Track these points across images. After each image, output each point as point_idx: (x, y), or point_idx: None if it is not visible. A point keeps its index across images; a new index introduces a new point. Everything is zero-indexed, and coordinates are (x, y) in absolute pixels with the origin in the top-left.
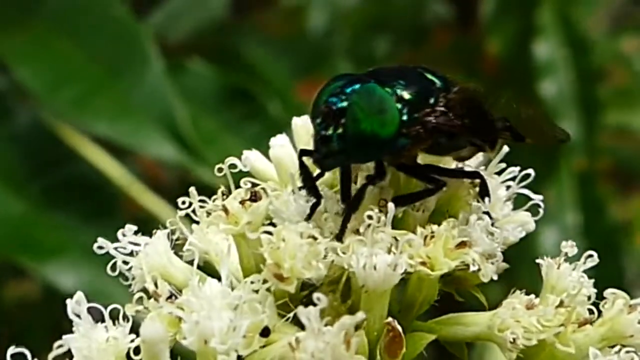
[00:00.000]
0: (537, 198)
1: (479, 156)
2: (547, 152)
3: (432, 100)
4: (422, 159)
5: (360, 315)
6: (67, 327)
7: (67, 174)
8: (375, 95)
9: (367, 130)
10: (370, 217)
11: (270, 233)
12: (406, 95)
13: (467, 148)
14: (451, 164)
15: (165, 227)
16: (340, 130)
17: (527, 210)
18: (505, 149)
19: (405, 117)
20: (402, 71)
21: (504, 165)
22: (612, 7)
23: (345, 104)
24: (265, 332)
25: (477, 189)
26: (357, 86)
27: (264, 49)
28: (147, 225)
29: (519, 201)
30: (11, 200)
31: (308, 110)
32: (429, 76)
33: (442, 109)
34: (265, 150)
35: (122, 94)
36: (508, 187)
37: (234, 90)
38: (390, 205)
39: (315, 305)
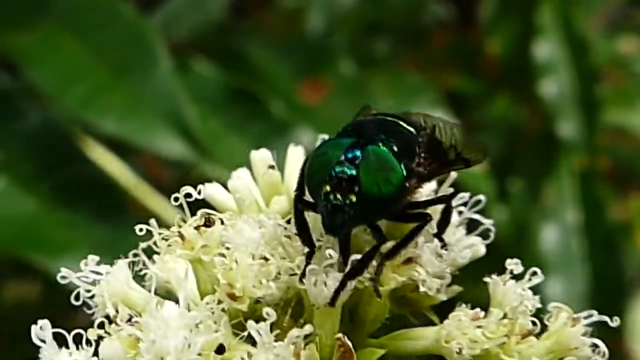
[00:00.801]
0: (487, 223)
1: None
2: (547, 151)
3: (417, 150)
4: None
5: (308, 328)
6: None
7: (77, 172)
8: (381, 157)
9: (380, 193)
10: (320, 239)
11: (223, 256)
12: (399, 149)
13: None
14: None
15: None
16: (353, 198)
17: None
18: (454, 174)
19: (405, 172)
20: (382, 124)
21: (452, 190)
22: (609, 9)
23: (354, 172)
24: (220, 349)
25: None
26: (358, 152)
27: (265, 49)
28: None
29: None
30: (22, 199)
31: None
32: (404, 124)
33: (423, 155)
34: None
35: (131, 92)
36: (460, 212)
37: (237, 91)
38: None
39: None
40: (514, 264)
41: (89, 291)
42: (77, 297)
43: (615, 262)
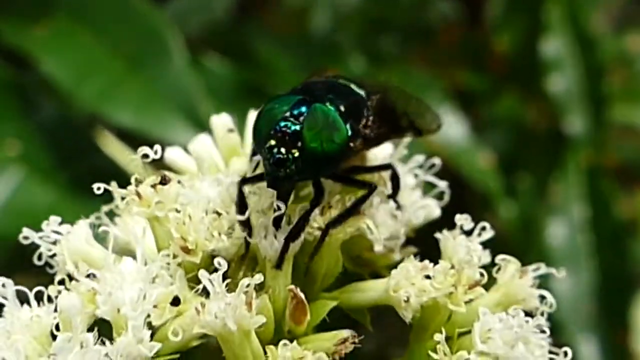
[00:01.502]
0: (442, 185)
1: (385, 146)
2: (554, 147)
3: (365, 112)
4: None
5: (258, 277)
6: None
7: (93, 164)
8: (325, 115)
9: (322, 149)
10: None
11: (178, 211)
12: (346, 110)
13: None
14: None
15: None
16: (296, 153)
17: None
18: (408, 138)
19: (350, 132)
20: (332, 85)
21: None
22: (614, 6)
23: (298, 127)
24: (175, 301)
25: (389, 182)
26: (304, 108)
27: (274, 46)
28: None
29: None
30: (39, 190)
31: None
32: (354, 87)
33: (372, 118)
34: None
35: (146, 85)
36: (416, 175)
37: (248, 86)
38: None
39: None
40: (463, 220)
41: (50, 250)
42: (39, 257)
43: (622, 258)
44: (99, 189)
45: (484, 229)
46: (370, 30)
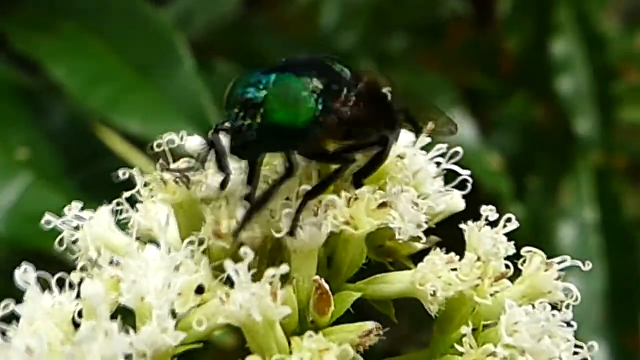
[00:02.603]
0: (465, 173)
1: (406, 134)
2: (563, 148)
3: (345, 91)
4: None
5: (284, 267)
6: None
7: (102, 168)
8: (291, 85)
9: (284, 120)
10: (294, 182)
11: None
12: (321, 85)
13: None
14: None
15: None
16: (257, 120)
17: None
18: (431, 125)
19: (320, 107)
20: (314, 62)
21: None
22: (622, 3)
23: (261, 94)
24: (199, 289)
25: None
26: (272, 77)
27: (282, 48)
28: None
29: None
30: (48, 195)
31: None
32: (339, 67)
33: (354, 99)
34: None
35: (155, 92)
36: (438, 164)
37: None
38: (314, 172)
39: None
40: (489, 210)
41: (72, 236)
42: (60, 242)
43: (632, 259)
44: (124, 174)
45: (509, 220)
46: (379, 29)
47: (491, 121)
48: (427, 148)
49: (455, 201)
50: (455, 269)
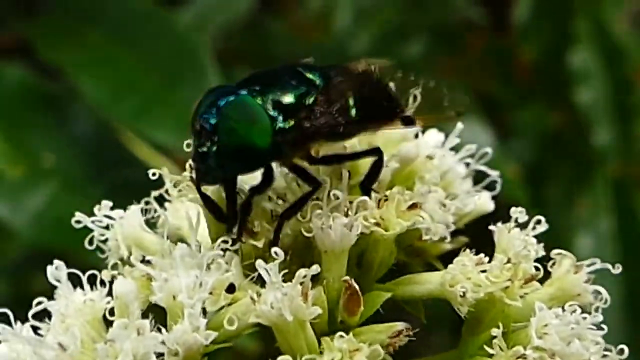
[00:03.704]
0: (494, 174)
1: (436, 134)
2: (581, 158)
3: (309, 102)
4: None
5: (315, 267)
6: None
7: (127, 175)
8: (245, 108)
9: (241, 143)
10: (324, 182)
11: None
12: (279, 101)
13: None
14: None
15: None
16: (214, 148)
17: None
18: (460, 125)
19: (280, 125)
20: (278, 75)
21: (457, 140)
22: (633, 4)
23: (214, 120)
24: (230, 288)
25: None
26: (224, 100)
27: (296, 54)
28: None
29: None
30: (73, 201)
31: None
32: (309, 75)
33: (322, 108)
34: None
35: (181, 103)
36: (467, 165)
37: None
38: (345, 172)
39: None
40: (518, 212)
41: (102, 235)
42: (90, 242)
43: None
44: (154, 174)
45: (538, 222)
46: (396, 36)
47: (508, 129)
48: (456, 148)
49: (484, 202)
50: (484, 271)
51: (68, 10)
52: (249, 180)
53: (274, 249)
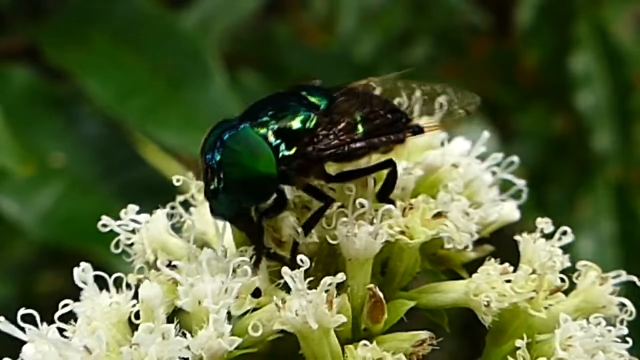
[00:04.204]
0: (520, 183)
1: (462, 143)
2: (582, 161)
3: (310, 125)
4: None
5: (340, 275)
6: None
7: (136, 175)
8: (247, 141)
9: (246, 176)
10: (350, 190)
11: None
12: (280, 129)
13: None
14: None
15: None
16: (221, 184)
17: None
18: (486, 134)
19: (284, 153)
20: (278, 103)
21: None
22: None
23: (218, 157)
24: (256, 293)
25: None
26: (227, 135)
27: (305, 59)
28: None
29: None
30: (82, 200)
31: None
32: (311, 98)
33: (325, 131)
34: None
35: (188, 105)
36: (493, 173)
37: None
38: (370, 180)
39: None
40: (544, 223)
41: (128, 239)
42: (116, 245)
43: None
44: (177, 180)
45: (564, 233)
46: (400, 40)
47: (511, 132)
48: (482, 157)
49: (508, 212)
50: (509, 281)
51: (74, 13)
52: None
53: (299, 257)
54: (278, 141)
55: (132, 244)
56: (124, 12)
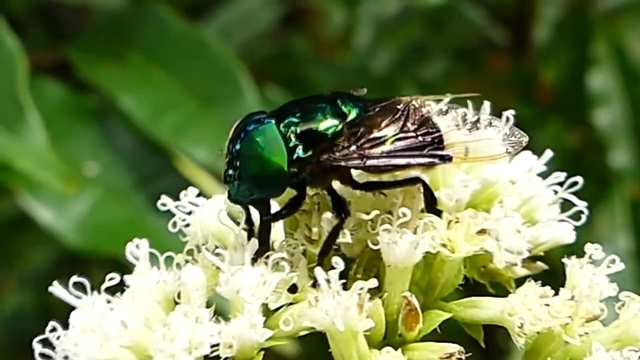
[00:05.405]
0: (581, 204)
1: (528, 158)
2: (599, 178)
3: (331, 134)
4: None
5: (373, 281)
6: None
7: (168, 185)
8: (264, 135)
9: (255, 169)
10: (397, 198)
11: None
12: (302, 132)
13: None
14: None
15: None
16: (237, 172)
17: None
18: (549, 153)
19: (300, 155)
20: (309, 106)
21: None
22: None
23: (237, 147)
24: (292, 288)
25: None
26: (251, 127)
27: (326, 74)
28: None
29: None
30: (116, 208)
31: None
32: (344, 108)
33: (346, 142)
34: None
35: (219, 122)
36: (555, 192)
37: None
38: (419, 190)
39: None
40: (593, 249)
41: (184, 220)
42: (174, 225)
43: None
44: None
45: (613, 261)
46: (418, 55)
47: (527, 148)
48: (543, 175)
49: (563, 233)
50: (548, 304)
51: (106, 30)
52: None
53: (334, 258)
54: (297, 142)
55: (187, 225)
56: (155, 30)
